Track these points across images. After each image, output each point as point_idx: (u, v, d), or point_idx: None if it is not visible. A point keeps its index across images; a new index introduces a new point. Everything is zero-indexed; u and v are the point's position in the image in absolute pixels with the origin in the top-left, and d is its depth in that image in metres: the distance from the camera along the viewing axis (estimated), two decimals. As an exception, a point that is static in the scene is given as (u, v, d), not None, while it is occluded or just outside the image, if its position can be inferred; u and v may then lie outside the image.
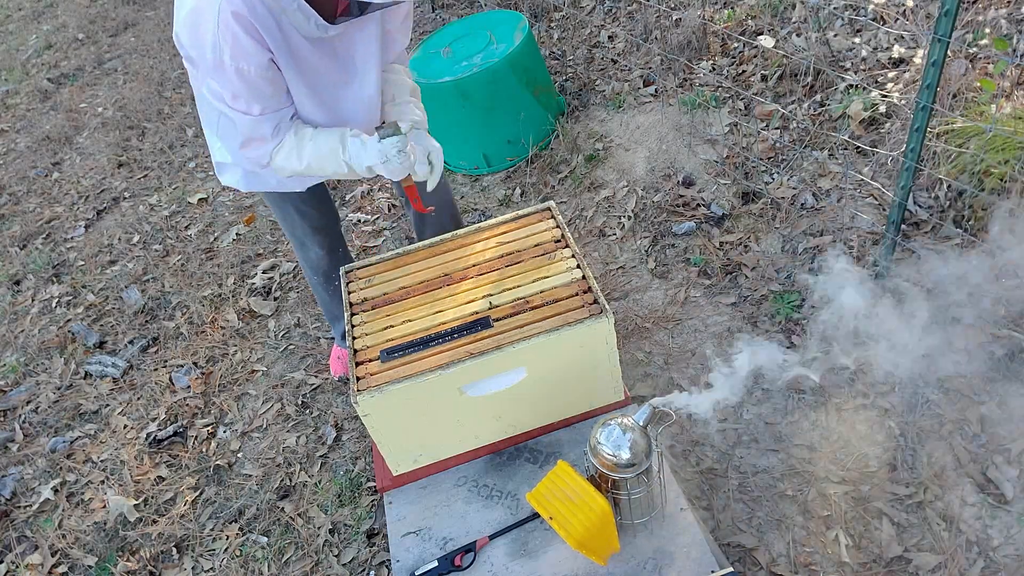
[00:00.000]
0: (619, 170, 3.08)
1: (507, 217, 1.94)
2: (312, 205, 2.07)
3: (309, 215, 2.08)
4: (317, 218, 2.10)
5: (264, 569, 2.14)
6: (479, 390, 1.62)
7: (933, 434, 1.96)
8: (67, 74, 5.64)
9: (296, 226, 2.11)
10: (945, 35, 1.71)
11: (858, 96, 2.77)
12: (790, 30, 3.23)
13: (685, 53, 3.41)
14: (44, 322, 3.27)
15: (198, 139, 4.28)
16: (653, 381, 2.29)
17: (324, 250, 2.17)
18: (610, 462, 1.42)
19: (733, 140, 2.96)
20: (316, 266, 2.22)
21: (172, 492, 2.41)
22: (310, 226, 2.10)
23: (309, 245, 2.16)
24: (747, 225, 2.67)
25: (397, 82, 1.85)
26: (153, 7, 6.40)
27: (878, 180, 2.56)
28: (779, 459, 2.02)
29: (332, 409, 2.53)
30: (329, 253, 2.19)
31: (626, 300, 2.58)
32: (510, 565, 1.55)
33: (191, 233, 3.57)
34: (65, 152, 4.62)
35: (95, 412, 2.78)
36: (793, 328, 2.31)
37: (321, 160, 1.67)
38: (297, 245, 2.20)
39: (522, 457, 1.75)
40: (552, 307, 1.65)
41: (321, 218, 2.11)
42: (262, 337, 2.88)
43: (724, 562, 1.56)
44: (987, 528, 1.77)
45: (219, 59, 1.43)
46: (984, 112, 2.43)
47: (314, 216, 2.09)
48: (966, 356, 2.07)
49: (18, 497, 2.55)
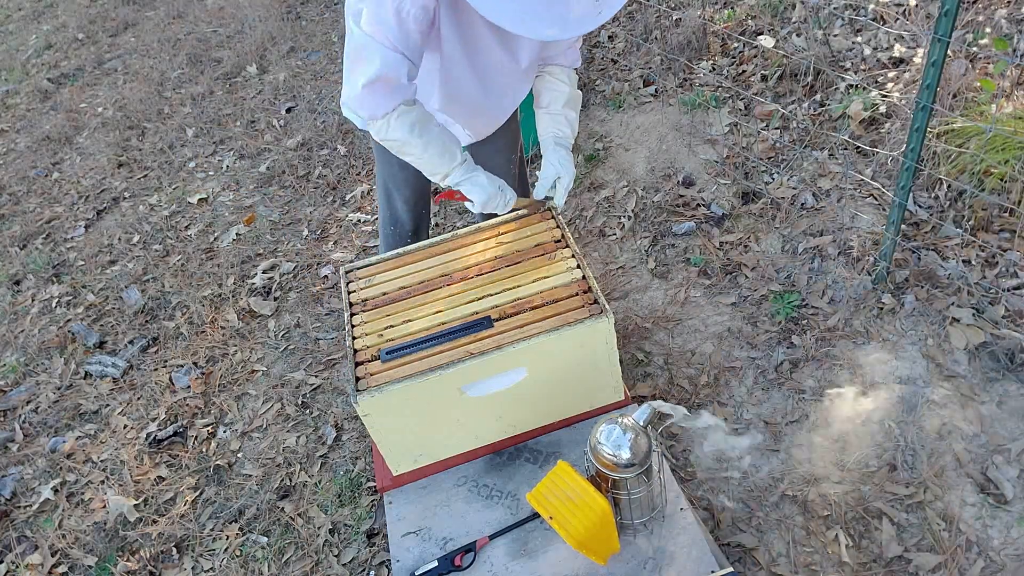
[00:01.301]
0: (619, 170, 3.08)
1: (507, 217, 1.94)
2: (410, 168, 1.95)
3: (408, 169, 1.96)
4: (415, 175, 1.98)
5: (264, 569, 2.14)
6: (479, 390, 1.62)
7: (933, 434, 1.96)
8: (67, 74, 5.64)
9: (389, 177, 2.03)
10: (945, 35, 1.71)
11: (858, 96, 2.77)
12: (790, 30, 3.23)
13: (685, 53, 3.41)
14: (44, 322, 3.27)
15: (198, 139, 4.28)
16: (653, 381, 2.29)
17: (409, 206, 2.11)
18: (610, 462, 1.42)
19: (733, 140, 2.97)
20: (396, 219, 2.15)
21: (172, 492, 2.41)
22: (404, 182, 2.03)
23: (396, 198, 2.09)
24: (747, 225, 2.67)
25: (554, 88, 1.78)
26: (153, 7, 6.40)
27: (878, 180, 2.56)
28: (779, 459, 2.02)
29: (332, 409, 2.53)
30: (412, 210, 2.12)
31: (626, 300, 2.58)
32: (510, 565, 1.55)
33: (191, 233, 3.57)
34: (65, 152, 4.62)
35: (95, 412, 2.78)
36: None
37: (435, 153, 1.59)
38: (383, 194, 2.12)
39: (522, 457, 1.75)
40: (552, 307, 1.65)
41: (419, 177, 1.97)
42: (262, 337, 2.88)
43: (724, 562, 1.57)
44: (987, 528, 1.77)
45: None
46: (984, 112, 2.43)
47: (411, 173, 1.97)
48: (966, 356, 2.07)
49: (18, 497, 2.55)
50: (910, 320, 2.19)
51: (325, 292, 3.01)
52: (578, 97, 1.82)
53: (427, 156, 1.60)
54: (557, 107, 1.79)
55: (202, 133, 4.32)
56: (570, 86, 1.79)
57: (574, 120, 1.81)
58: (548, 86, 1.79)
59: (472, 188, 1.66)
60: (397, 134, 1.55)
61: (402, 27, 1.41)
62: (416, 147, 1.58)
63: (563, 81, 1.78)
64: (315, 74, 4.55)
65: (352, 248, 3.18)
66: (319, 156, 3.81)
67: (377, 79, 1.45)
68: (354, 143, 3.81)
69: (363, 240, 3.20)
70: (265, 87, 4.59)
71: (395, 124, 1.53)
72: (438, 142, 1.59)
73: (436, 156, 1.60)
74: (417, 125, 1.55)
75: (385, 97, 1.49)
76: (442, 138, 1.60)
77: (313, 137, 3.94)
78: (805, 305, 2.35)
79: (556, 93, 1.79)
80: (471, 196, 1.66)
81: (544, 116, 1.81)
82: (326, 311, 2.92)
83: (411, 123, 1.54)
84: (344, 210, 3.41)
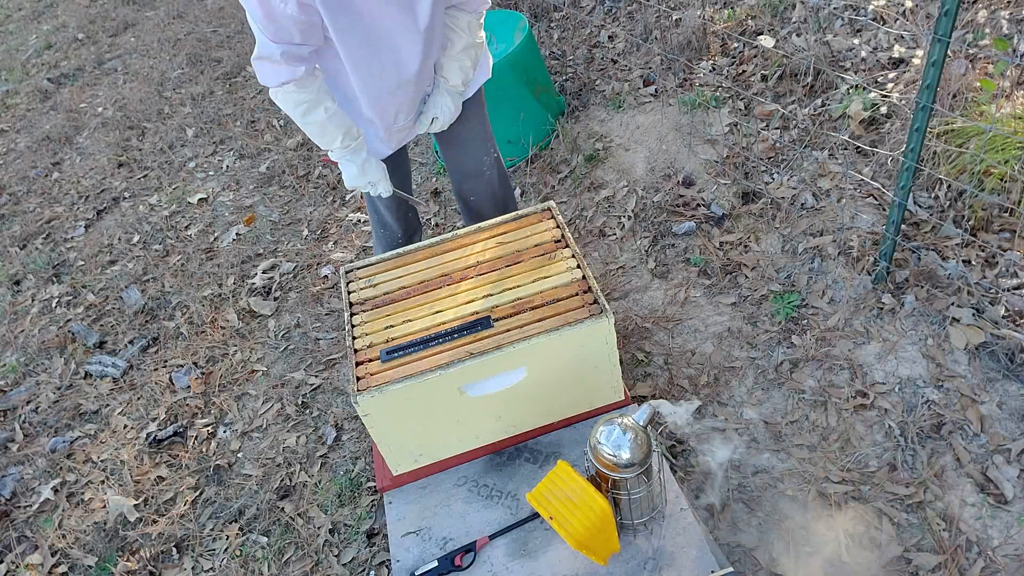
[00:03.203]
0: (619, 170, 3.08)
1: (507, 217, 1.94)
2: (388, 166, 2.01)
3: None
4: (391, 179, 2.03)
5: (264, 569, 2.14)
6: (479, 390, 1.62)
7: (933, 434, 1.96)
8: (67, 74, 5.64)
9: None
10: (945, 35, 1.71)
11: (858, 96, 2.77)
12: (790, 30, 3.23)
13: (685, 53, 3.41)
14: (44, 322, 3.27)
15: (198, 139, 4.28)
16: (653, 381, 2.29)
17: (392, 212, 2.19)
18: (610, 462, 1.42)
19: (733, 140, 2.96)
20: (384, 223, 2.24)
21: (172, 492, 2.41)
22: None
23: (380, 204, 2.17)
24: (747, 225, 2.67)
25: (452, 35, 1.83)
26: (153, 7, 6.40)
27: (878, 180, 2.56)
28: (779, 459, 2.02)
29: (332, 409, 2.53)
30: (396, 214, 2.20)
31: (626, 300, 2.58)
32: (510, 565, 1.55)
33: (191, 233, 3.57)
34: (65, 152, 4.62)
35: (95, 412, 2.78)
36: (793, 328, 2.31)
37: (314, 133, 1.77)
38: (369, 199, 2.21)
39: (522, 457, 1.75)
40: (552, 307, 1.65)
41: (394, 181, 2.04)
42: (262, 337, 2.88)
43: (724, 562, 1.57)
44: (987, 528, 1.77)
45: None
46: (984, 112, 2.43)
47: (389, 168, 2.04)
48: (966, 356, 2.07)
49: (18, 497, 2.55)
50: (910, 320, 2.19)
51: (325, 292, 3.01)
52: (476, 44, 1.88)
53: (309, 134, 1.79)
54: (453, 53, 1.85)
55: (202, 133, 4.32)
56: (467, 33, 1.84)
57: (468, 67, 1.89)
58: (448, 33, 1.84)
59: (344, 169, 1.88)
60: (286, 108, 1.73)
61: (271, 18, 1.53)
62: (300, 124, 1.77)
63: (461, 28, 1.83)
64: (315, 74, 4.55)
65: (352, 248, 3.18)
66: (319, 156, 3.81)
67: (258, 57, 1.63)
68: (354, 143, 3.81)
69: (363, 240, 3.20)
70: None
71: (282, 99, 1.71)
72: (316, 125, 1.74)
73: (316, 136, 1.78)
74: (302, 105, 1.70)
75: (269, 72, 1.65)
76: (324, 123, 1.74)
77: (313, 137, 3.94)
78: (805, 305, 2.35)
79: (453, 39, 1.84)
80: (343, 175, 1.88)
81: (442, 59, 1.87)
82: (326, 311, 2.92)
83: (295, 102, 1.70)
84: (344, 210, 3.41)
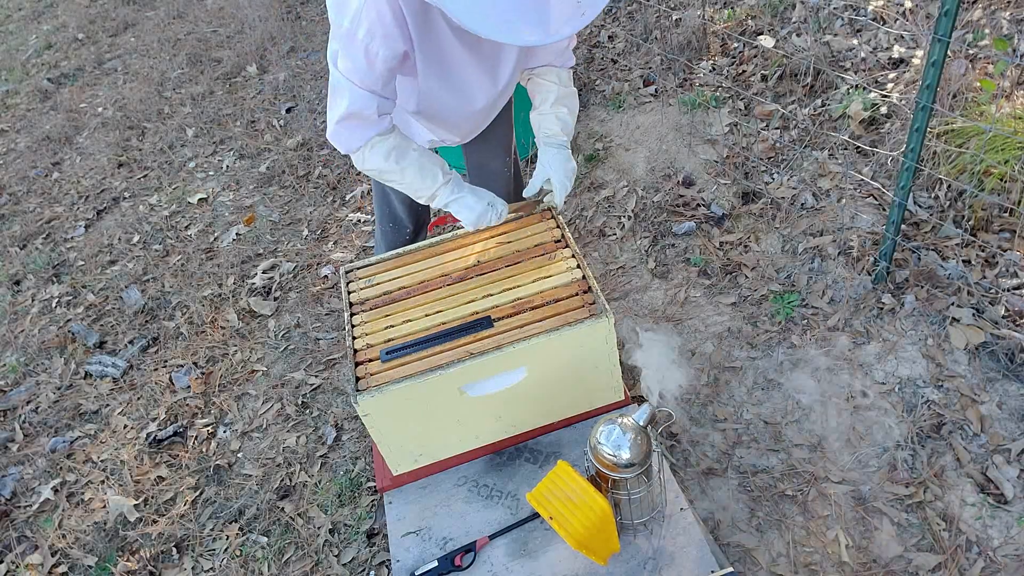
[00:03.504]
0: (619, 170, 3.08)
1: (507, 217, 1.94)
2: None
3: None
4: None
5: (264, 569, 2.14)
6: (479, 390, 1.62)
7: (933, 434, 1.96)
8: (67, 74, 5.64)
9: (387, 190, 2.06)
10: (945, 35, 1.71)
11: (858, 96, 2.77)
12: (790, 30, 3.23)
13: (685, 53, 3.41)
14: (44, 322, 3.27)
15: (198, 139, 4.28)
16: (653, 381, 2.29)
17: (406, 206, 2.13)
18: (610, 462, 1.42)
19: (733, 140, 2.96)
20: (394, 217, 2.17)
21: (172, 492, 2.41)
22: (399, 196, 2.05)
23: (393, 198, 2.11)
24: (747, 225, 2.67)
25: (543, 88, 1.78)
26: (153, 7, 6.40)
27: (878, 180, 2.56)
28: (779, 459, 2.02)
29: (332, 409, 2.53)
30: (410, 209, 2.14)
31: (626, 300, 2.58)
32: (510, 565, 1.55)
33: (191, 233, 3.57)
34: (65, 152, 4.62)
35: (95, 412, 2.78)
36: (793, 328, 2.31)
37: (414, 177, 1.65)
38: (379, 194, 2.14)
39: (522, 457, 1.75)
40: (552, 307, 1.65)
41: None
42: (262, 337, 2.88)
43: (724, 562, 1.57)
44: (987, 528, 1.77)
45: (353, 31, 1.41)
46: (984, 112, 2.43)
47: None
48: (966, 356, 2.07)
49: (18, 497, 2.55)
50: (910, 320, 2.19)
51: (325, 292, 3.01)
52: (571, 94, 1.82)
53: (407, 181, 1.66)
54: (547, 107, 1.79)
55: (202, 133, 4.32)
56: (559, 84, 1.78)
57: (566, 116, 1.80)
58: (538, 88, 1.80)
59: (460, 209, 1.71)
60: (373, 164, 1.63)
61: (371, 67, 1.46)
62: (394, 173, 1.65)
63: (551, 81, 1.78)
64: (315, 74, 4.55)
65: (352, 248, 3.18)
66: (319, 156, 3.81)
67: (348, 116, 1.54)
68: (354, 143, 3.81)
69: (363, 240, 3.20)
70: (265, 87, 4.59)
71: (369, 155, 1.61)
72: (415, 167, 1.64)
73: (416, 180, 1.66)
74: (393, 152, 1.61)
75: (357, 132, 1.58)
76: (420, 161, 1.64)
77: (313, 137, 3.94)
78: (805, 305, 2.35)
79: (545, 93, 1.79)
80: (460, 217, 1.71)
81: (536, 117, 1.82)
82: (326, 311, 2.92)
83: (386, 152, 1.61)
84: (344, 210, 3.41)
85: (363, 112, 1.53)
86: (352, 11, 1.39)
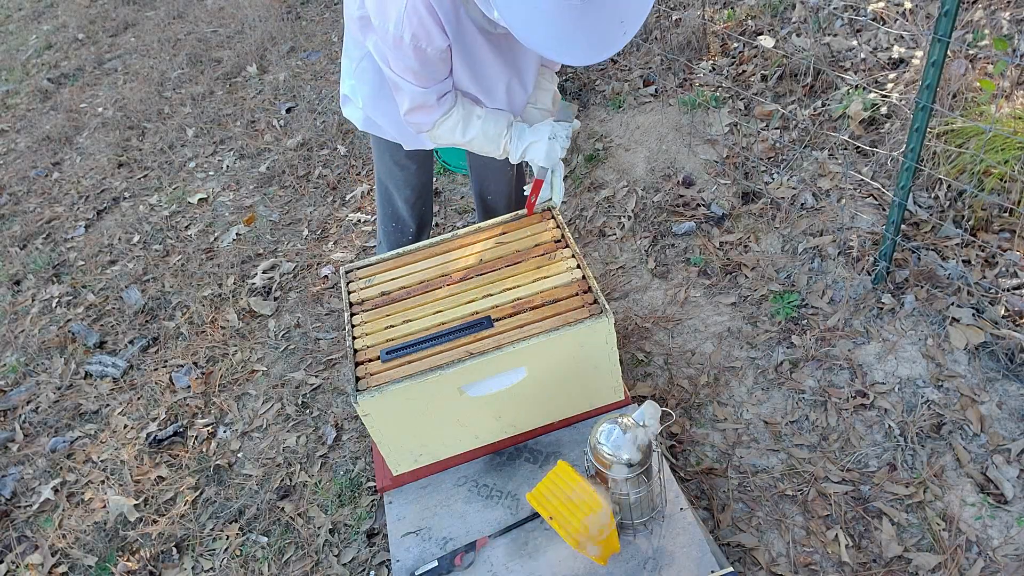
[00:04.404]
0: (619, 170, 3.08)
1: (507, 217, 1.94)
2: (415, 160, 2.07)
3: (407, 169, 2.09)
4: (414, 175, 2.11)
5: (264, 569, 2.14)
6: (479, 390, 1.62)
7: (933, 434, 1.96)
8: (67, 74, 5.64)
9: (388, 176, 2.13)
10: (945, 35, 1.71)
11: (858, 96, 2.77)
12: (790, 30, 3.23)
13: (685, 53, 3.41)
14: (44, 322, 3.27)
15: (198, 139, 4.28)
16: (653, 381, 2.29)
17: (409, 205, 2.19)
18: (610, 462, 1.42)
19: (733, 140, 2.97)
20: (397, 216, 2.23)
21: (172, 492, 2.41)
22: (404, 182, 2.12)
23: (396, 197, 2.17)
24: (747, 225, 2.67)
25: (543, 87, 1.89)
26: (153, 7, 6.40)
27: (878, 180, 2.56)
28: (779, 459, 2.02)
29: (332, 409, 2.53)
30: (413, 208, 2.20)
31: (626, 300, 2.58)
32: (510, 565, 1.55)
33: (191, 233, 3.57)
34: (65, 152, 4.62)
35: (95, 412, 2.78)
36: (793, 328, 2.31)
37: (484, 139, 1.75)
38: (381, 192, 2.21)
39: (522, 457, 1.75)
40: (552, 307, 1.65)
41: (419, 176, 2.12)
42: (262, 337, 2.88)
43: (724, 562, 1.57)
44: (987, 528, 1.77)
45: (399, 36, 1.48)
46: (984, 112, 2.43)
47: (411, 173, 2.10)
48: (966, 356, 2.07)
49: (18, 497, 2.55)
50: (910, 320, 2.19)
51: (325, 292, 3.01)
52: (558, 95, 1.96)
53: (476, 148, 1.78)
54: (546, 103, 1.89)
55: (202, 133, 4.32)
56: (553, 84, 1.91)
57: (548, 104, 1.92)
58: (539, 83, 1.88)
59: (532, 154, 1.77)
60: (443, 140, 1.75)
61: (424, 63, 1.54)
62: (464, 145, 1.77)
63: (549, 80, 1.90)
64: (315, 74, 4.55)
65: (352, 248, 3.18)
66: (319, 156, 3.81)
67: (411, 110, 1.67)
68: (354, 143, 3.81)
69: (363, 240, 3.20)
70: (265, 87, 4.59)
71: (441, 132, 1.72)
72: (480, 136, 1.74)
73: (485, 145, 1.77)
74: (458, 127, 1.72)
75: (424, 118, 1.69)
76: (484, 128, 1.74)
77: (313, 137, 3.95)
78: (805, 305, 2.35)
79: (545, 92, 1.89)
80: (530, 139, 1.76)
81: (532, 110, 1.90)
82: (326, 311, 2.92)
83: (450, 129, 1.72)
84: (344, 210, 3.41)
85: (424, 103, 1.64)
86: (393, 17, 1.46)
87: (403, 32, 1.46)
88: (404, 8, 1.43)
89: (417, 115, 1.68)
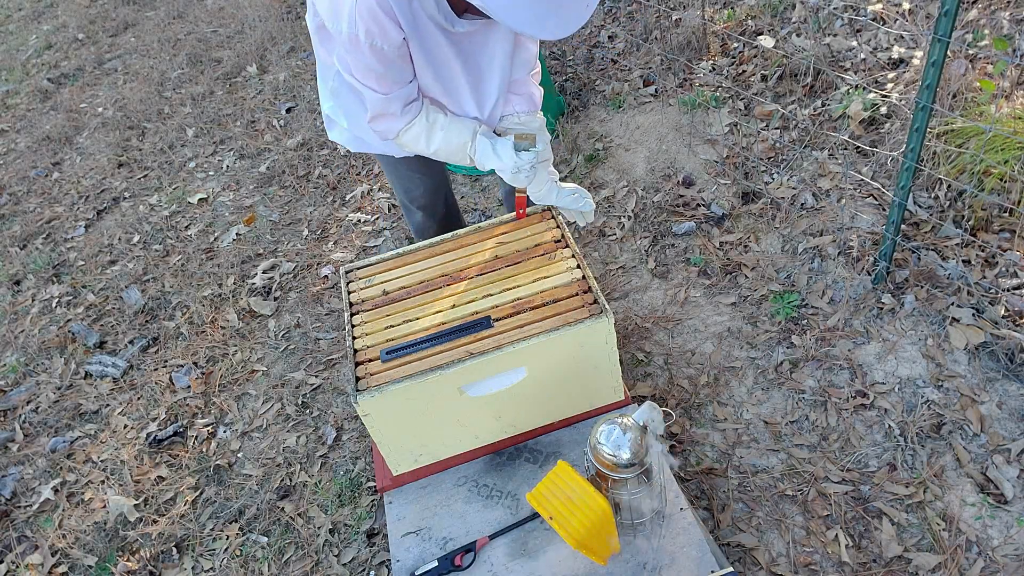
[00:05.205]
0: (619, 170, 3.08)
1: (507, 217, 1.94)
2: (417, 169, 2.07)
3: (414, 179, 2.10)
4: (420, 182, 2.11)
5: (264, 569, 2.14)
6: (479, 390, 1.62)
7: (933, 434, 1.96)
8: (67, 74, 5.64)
9: (396, 181, 2.13)
10: (945, 35, 1.71)
11: (858, 96, 2.77)
12: (790, 30, 3.23)
13: (685, 53, 3.41)
14: (44, 322, 3.27)
15: (198, 139, 4.28)
16: (653, 381, 2.29)
17: (426, 214, 2.20)
18: (610, 462, 1.42)
19: (733, 140, 2.97)
20: (419, 229, 2.25)
21: (172, 492, 2.41)
22: (413, 185, 2.12)
23: (412, 209, 2.19)
24: (747, 225, 2.67)
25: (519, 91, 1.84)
26: (153, 7, 6.40)
27: (878, 180, 2.56)
28: (779, 459, 2.02)
29: (332, 409, 2.53)
30: (430, 217, 2.21)
31: (626, 300, 2.58)
32: (510, 565, 1.55)
33: (191, 233, 3.57)
34: (65, 152, 4.62)
35: (95, 412, 2.78)
36: (793, 328, 2.31)
37: (448, 150, 1.73)
38: (398, 197, 2.23)
39: (522, 457, 1.75)
40: (552, 307, 1.65)
41: (425, 181, 2.12)
42: (262, 337, 2.88)
43: (724, 562, 1.57)
44: (987, 528, 1.77)
45: (354, 34, 1.45)
46: (984, 112, 2.43)
47: (418, 180, 2.10)
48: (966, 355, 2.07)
49: (18, 497, 2.55)
50: (910, 320, 2.19)
51: (325, 292, 3.01)
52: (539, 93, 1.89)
53: (442, 156, 1.76)
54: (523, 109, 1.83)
55: (202, 133, 4.32)
56: (534, 86, 1.84)
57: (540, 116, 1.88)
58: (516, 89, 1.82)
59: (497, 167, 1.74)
60: (413, 145, 1.73)
61: (385, 64, 1.51)
62: (429, 154, 1.75)
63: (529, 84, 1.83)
64: (315, 74, 4.54)
65: (352, 248, 3.18)
66: (319, 156, 3.81)
67: (374, 118, 1.65)
68: (354, 143, 3.81)
69: (363, 240, 3.20)
70: (265, 87, 4.59)
71: (404, 142, 1.72)
72: (444, 146, 1.72)
73: (450, 154, 1.74)
74: (421, 137, 1.69)
75: (387, 125, 1.67)
76: (447, 138, 1.71)
77: (313, 137, 3.95)
78: (805, 305, 2.35)
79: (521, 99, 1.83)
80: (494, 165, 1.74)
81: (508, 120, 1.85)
82: (326, 311, 2.92)
83: (414, 138, 1.70)
84: (344, 210, 3.41)
85: (386, 111, 1.63)
86: (346, 15, 1.44)
87: (357, 30, 1.44)
88: (355, 4, 1.41)
89: (380, 123, 1.66)
